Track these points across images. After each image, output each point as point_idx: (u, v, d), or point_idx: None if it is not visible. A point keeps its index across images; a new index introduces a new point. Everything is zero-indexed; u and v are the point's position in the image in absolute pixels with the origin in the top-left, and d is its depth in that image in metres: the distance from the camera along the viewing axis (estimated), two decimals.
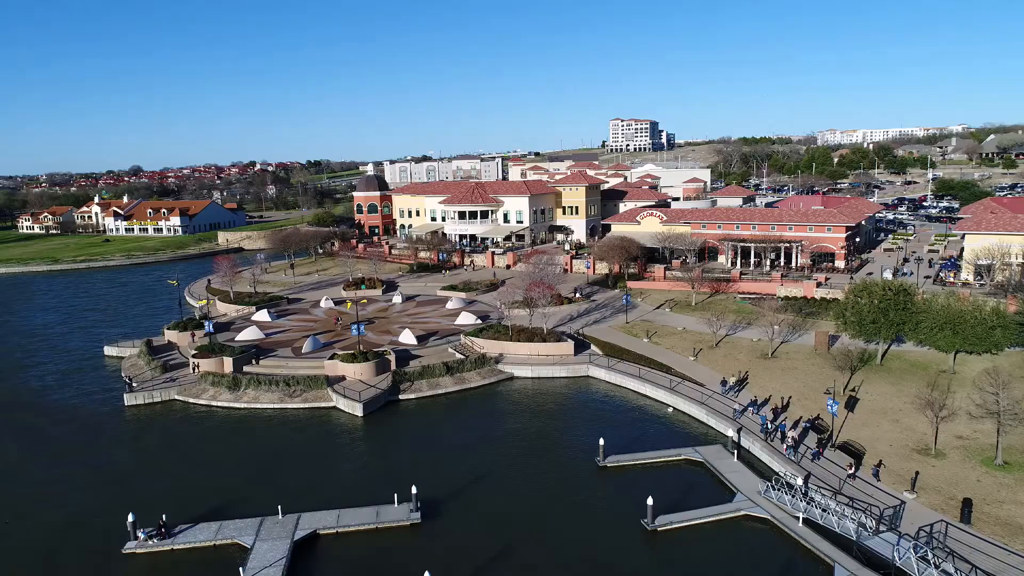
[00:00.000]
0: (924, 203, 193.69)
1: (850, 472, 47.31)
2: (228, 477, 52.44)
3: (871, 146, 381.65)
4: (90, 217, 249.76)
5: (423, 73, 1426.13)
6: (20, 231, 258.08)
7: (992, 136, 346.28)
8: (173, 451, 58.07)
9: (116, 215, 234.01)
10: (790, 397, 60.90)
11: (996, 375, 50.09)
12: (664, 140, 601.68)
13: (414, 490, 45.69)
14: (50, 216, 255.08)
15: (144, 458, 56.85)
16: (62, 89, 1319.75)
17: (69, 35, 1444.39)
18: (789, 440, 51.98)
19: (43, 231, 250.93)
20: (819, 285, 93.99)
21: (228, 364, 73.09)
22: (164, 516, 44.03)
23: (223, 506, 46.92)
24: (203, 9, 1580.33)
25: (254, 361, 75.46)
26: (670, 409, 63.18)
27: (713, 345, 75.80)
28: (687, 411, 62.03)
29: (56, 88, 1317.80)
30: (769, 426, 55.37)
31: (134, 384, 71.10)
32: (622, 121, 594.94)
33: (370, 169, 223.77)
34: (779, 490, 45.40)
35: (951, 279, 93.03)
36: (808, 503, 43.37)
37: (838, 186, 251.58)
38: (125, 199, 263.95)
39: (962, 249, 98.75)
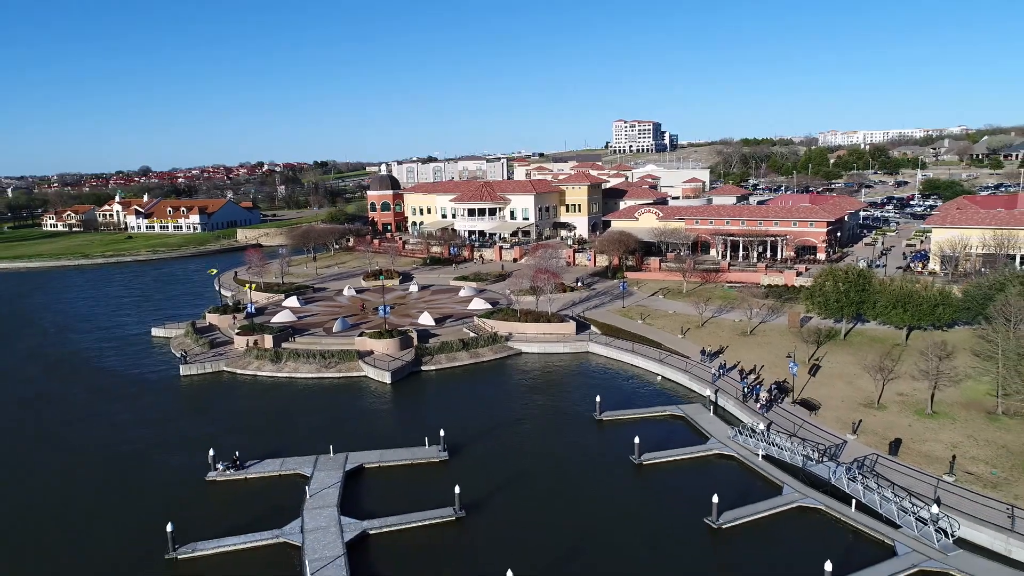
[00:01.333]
0: (911, 202, 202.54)
1: (768, 394, 61.14)
2: (282, 427, 61.81)
3: (868, 147, 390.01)
4: (111, 215, 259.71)
5: (427, 75, 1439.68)
6: (44, 229, 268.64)
7: (986, 138, 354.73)
8: (230, 409, 67.71)
9: (137, 213, 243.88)
10: (763, 366, 70.14)
11: (942, 346, 59.28)
12: (667, 141, 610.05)
13: (442, 433, 55.17)
14: (73, 214, 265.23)
15: (207, 414, 66.45)
16: (64, 90, 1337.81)
17: (72, 36, 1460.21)
18: (763, 399, 61.19)
19: (66, 229, 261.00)
20: (799, 275, 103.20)
21: (269, 341, 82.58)
22: (237, 452, 53.52)
23: (282, 448, 56.35)
24: (203, 9, 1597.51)
25: (291, 339, 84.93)
26: (659, 377, 72.42)
27: (699, 325, 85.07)
28: (673, 378, 71.32)
29: (58, 89, 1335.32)
30: (747, 390, 64.46)
31: (187, 357, 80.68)
32: (625, 122, 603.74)
33: (383, 169, 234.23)
34: (745, 434, 54.72)
35: (919, 269, 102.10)
36: (768, 443, 52.65)
37: (832, 186, 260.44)
38: (145, 198, 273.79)
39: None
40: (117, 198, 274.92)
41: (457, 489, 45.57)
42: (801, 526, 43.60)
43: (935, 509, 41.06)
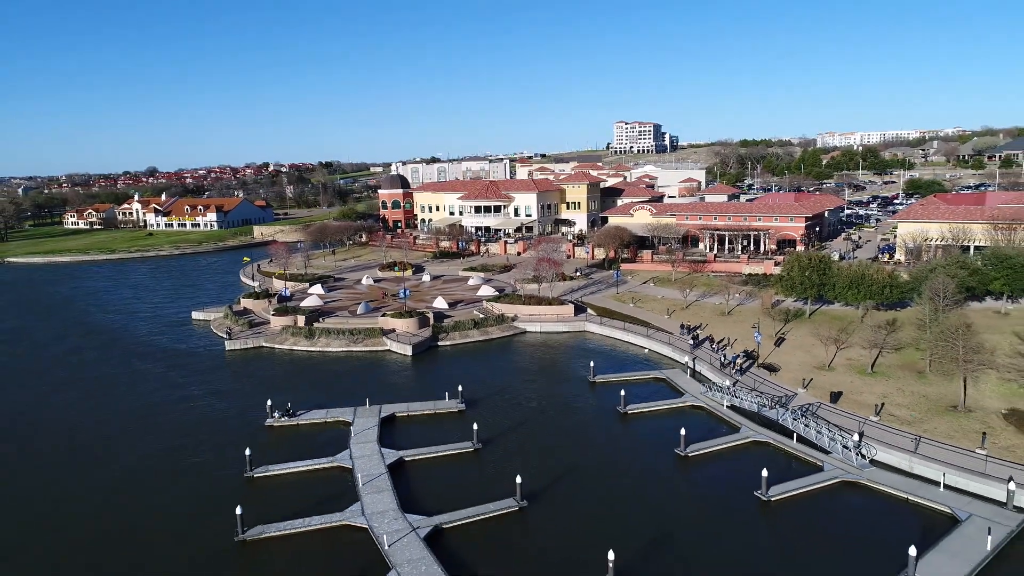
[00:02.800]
0: (895, 200, 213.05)
1: (739, 359, 71.23)
2: (321, 388, 72.40)
3: (861, 148, 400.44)
4: (131, 213, 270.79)
5: (430, 76, 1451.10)
6: (65, 226, 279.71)
7: (974, 139, 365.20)
8: (274, 375, 78.36)
9: (156, 211, 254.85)
10: (736, 339, 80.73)
11: (892, 322, 69.73)
12: (667, 142, 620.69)
13: (460, 388, 65.88)
14: (94, 212, 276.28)
15: (255, 378, 77.08)
16: (68, 91, 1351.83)
17: (74, 36, 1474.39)
18: (737, 365, 71.70)
19: (87, 226, 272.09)
20: (776, 264, 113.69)
21: (302, 320, 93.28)
22: (289, 403, 64.22)
23: (325, 402, 66.96)
24: (205, 11, 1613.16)
25: (321, 319, 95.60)
26: (646, 350, 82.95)
27: (684, 307, 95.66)
28: (658, 351, 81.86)
29: (62, 90, 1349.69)
30: (723, 359, 74.88)
31: (232, 334, 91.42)
32: (626, 124, 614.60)
33: (393, 169, 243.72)
34: (714, 390, 65.31)
35: (886, 259, 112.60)
36: (733, 396, 63.20)
37: (823, 185, 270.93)
38: (163, 197, 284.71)
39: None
40: (136, 197, 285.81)
41: (475, 426, 56.24)
42: (752, 454, 54.12)
43: (856, 438, 51.65)
